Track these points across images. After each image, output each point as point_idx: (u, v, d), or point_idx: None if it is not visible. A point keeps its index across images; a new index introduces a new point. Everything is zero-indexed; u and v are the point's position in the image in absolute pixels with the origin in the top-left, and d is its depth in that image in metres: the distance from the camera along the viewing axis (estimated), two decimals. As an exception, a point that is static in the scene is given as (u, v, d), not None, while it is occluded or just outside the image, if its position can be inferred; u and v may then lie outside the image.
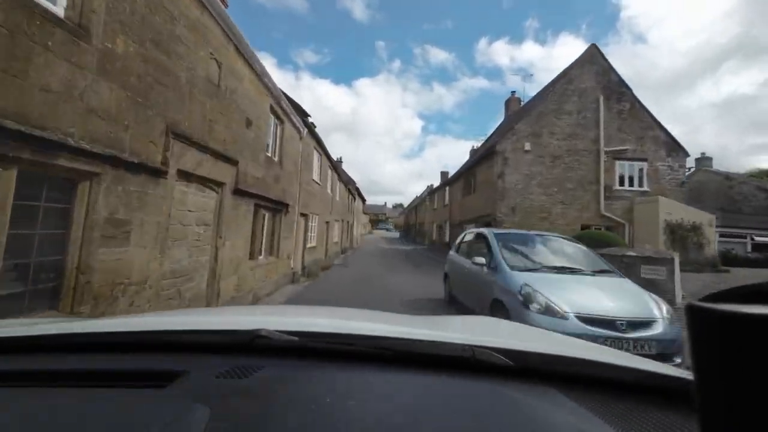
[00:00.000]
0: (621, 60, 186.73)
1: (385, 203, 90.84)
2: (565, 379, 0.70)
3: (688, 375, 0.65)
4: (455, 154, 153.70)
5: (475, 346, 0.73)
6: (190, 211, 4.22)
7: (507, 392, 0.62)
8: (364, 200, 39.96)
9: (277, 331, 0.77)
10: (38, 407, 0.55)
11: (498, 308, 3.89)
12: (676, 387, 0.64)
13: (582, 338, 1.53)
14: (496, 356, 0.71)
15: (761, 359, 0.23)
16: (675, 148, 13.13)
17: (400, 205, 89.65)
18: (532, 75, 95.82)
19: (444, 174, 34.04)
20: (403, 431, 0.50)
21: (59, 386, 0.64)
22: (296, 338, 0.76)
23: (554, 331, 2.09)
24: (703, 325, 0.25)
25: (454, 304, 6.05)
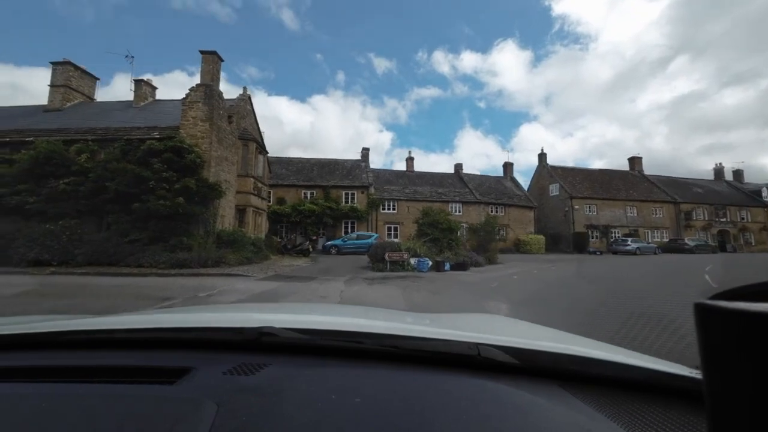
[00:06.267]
0: (560, 66, 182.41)
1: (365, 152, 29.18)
2: (572, 377, 0.69)
3: (697, 374, 0.63)
4: (426, 166, 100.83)
5: (481, 344, 0.72)
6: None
7: (513, 391, 0.62)
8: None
9: (283, 328, 0.78)
10: (50, 403, 0.55)
11: None
12: (685, 386, 0.63)
13: None
14: (502, 354, 0.70)
15: None
16: None
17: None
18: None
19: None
20: (409, 429, 0.51)
21: (70, 382, 0.64)
22: (303, 336, 0.78)
23: None
24: (713, 323, 0.26)
25: None
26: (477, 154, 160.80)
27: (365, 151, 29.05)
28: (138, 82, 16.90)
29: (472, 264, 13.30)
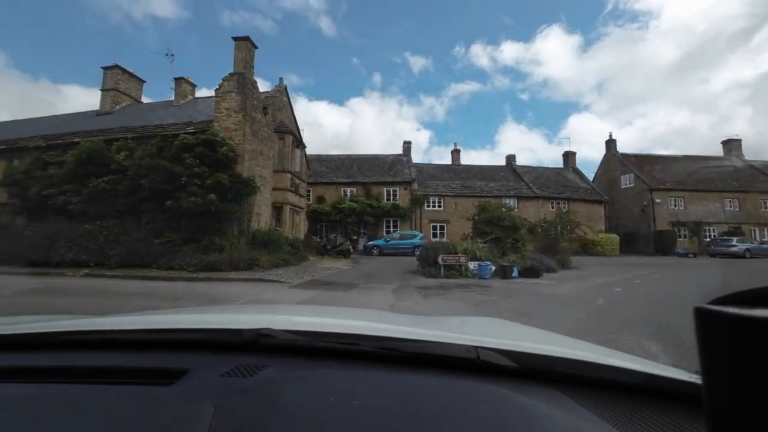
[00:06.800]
0: (614, 49, 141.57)
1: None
2: (570, 381, 0.69)
3: (697, 378, 0.63)
4: (466, 163, 42.09)
5: (480, 347, 0.72)
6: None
7: (511, 394, 0.62)
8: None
9: (282, 330, 0.77)
10: (47, 404, 0.55)
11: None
12: (685, 390, 0.63)
13: None
14: (500, 358, 0.70)
15: None
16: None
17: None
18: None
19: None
20: None
21: (68, 383, 0.64)
22: (301, 337, 0.77)
23: None
24: (714, 328, 0.25)
25: None
26: (521, 149, 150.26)
27: (407, 145, 27.08)
28: (178, 80, 16.60)
29: (544, 269, 10.89)
